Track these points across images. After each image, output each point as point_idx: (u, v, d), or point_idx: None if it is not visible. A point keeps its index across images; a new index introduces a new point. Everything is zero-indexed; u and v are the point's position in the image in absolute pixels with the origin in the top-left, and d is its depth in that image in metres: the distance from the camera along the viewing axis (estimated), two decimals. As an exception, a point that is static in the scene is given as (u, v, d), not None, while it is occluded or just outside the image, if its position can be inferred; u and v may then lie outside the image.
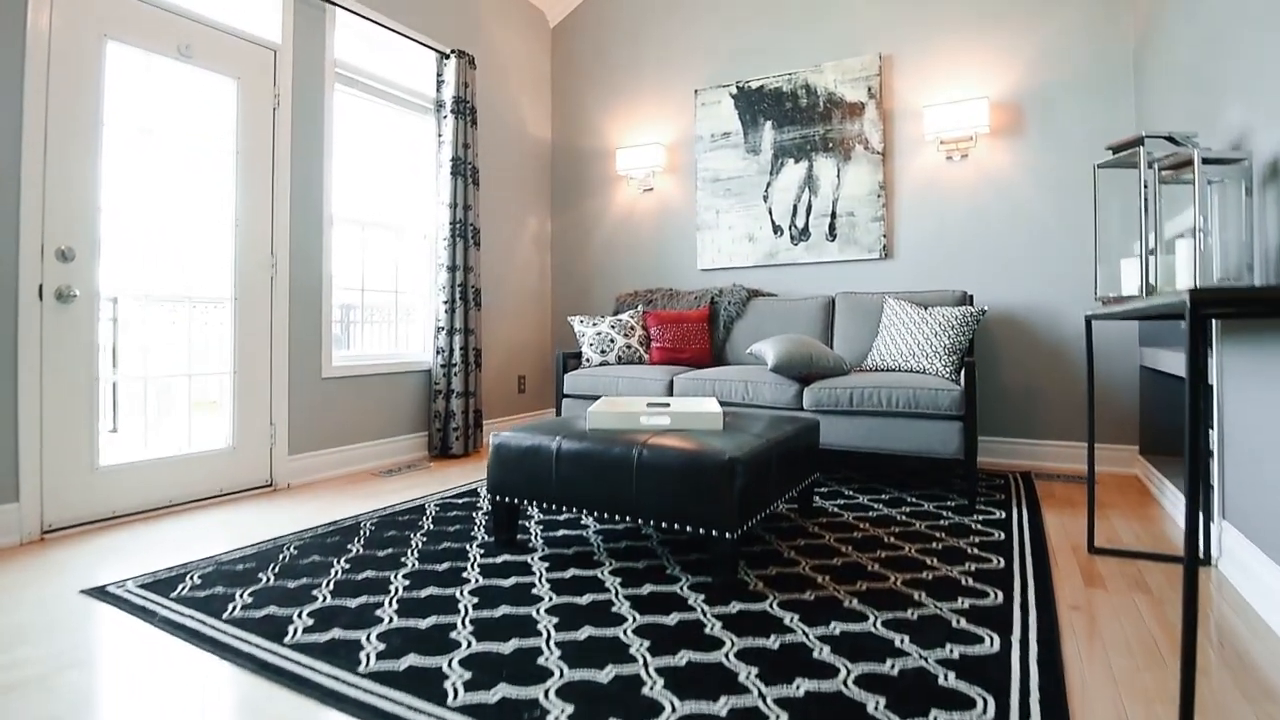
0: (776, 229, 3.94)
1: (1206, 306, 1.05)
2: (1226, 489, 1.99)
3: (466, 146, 3.76)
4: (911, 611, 1.65)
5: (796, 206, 3.88)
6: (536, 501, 2.07)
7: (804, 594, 1.77)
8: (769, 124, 3.96)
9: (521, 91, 4.53)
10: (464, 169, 3.73)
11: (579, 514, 1.97)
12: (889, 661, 1.41)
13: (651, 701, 1.26)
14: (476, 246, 3.82)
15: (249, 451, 2.90)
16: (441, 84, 3.77)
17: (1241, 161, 1.61)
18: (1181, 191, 2.17)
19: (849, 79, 3.75)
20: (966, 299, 3.22)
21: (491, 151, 4.25)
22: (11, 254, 2.21)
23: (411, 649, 1.48)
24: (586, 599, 1.74)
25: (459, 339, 3.65)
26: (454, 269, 3.67)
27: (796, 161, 3.89)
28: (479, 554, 2.10)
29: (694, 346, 3.63)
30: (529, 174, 4.60)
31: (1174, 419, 2.94)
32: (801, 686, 1.31)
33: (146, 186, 2.60)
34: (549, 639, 1.52)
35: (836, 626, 1.57)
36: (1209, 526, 2.08)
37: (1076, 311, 3.29)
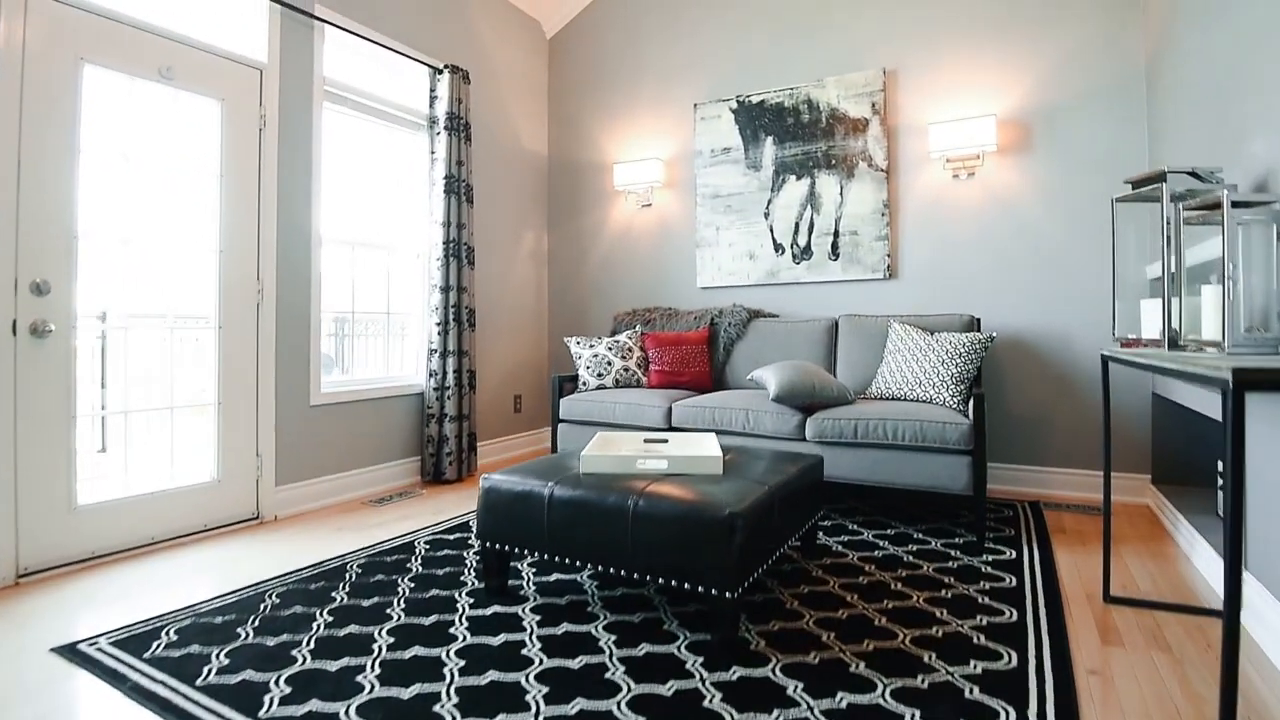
0: (778, 247, 3.85)
1: (1251, 387, 0.96)
2: (1249, 540, 1.90)
3: (460, 163, 3.67)
4: (921, 678, 1.57)
5: (798, 224, 3.79)
6: (528, 550, 1.98)
7: (808, 656, 1.68)
8: (770, 139, 3.87)
9: (518, 104, 4.44)
10: (457, 186, 3.65)
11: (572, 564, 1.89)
12: (899, 746, 1.32)
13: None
14: (470, 266, 3.73)
15: (234, 484, 2.82)
16: (434, 100, 3.68)
17: (1271, 204, 1.52)
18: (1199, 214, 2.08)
19: (852, 94, 3.65)
20: (974, 324, 3.13)
21: (487, 166, 4.16)
22: (-18, 289, 2.12)
23: (391, 728, 1.39)
24: (579, 662, 1.66)
25: (452, 361, 3.57)
26: (447, 289, 3.59)
27: (798, 178, 3.80)
28: (468, 604, 2.02)
29: (693, 369, 3.54)
30: (525, 188, 4.51)
31: (1187, 448, 2.86)
32: (806, 779, 1.23)
33: (126, 214, 2.51)
34: (538, 714, 1.43)
35: (843, 698, 1.49)
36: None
37: (1086, 335, 3.21)
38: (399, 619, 1.91)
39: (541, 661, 1.66)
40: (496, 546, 2.05)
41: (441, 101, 3.63)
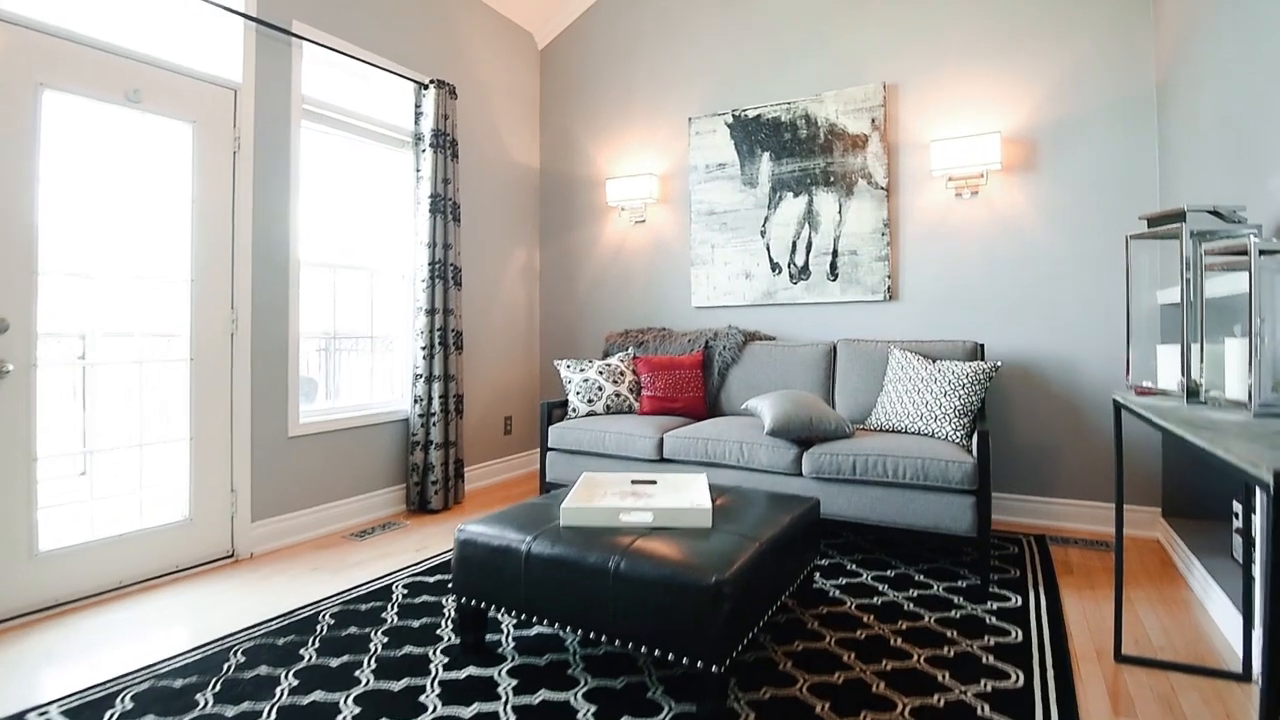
0: (775, 266, 3.73)
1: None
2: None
3: (446, 181, 3.55)
4: (922, 764, 1.46)
5: (796, 243, 3.68)
6: (504, 609, 1.87)
7: (800, 734, 1.57)
8: (766, 155, 3.75)
9: (508, 117, 4.32)
10: (444, 205, 3.53)
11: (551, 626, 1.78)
12: None
13: None
14: (458, 287, 3.62)
15: (208, 522, 2.71)
16: (420, 116, 3.56)
17: (1301, 253, 1.40)
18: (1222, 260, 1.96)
19: (851, 109, 3.53)
20: (978, 351, 3.02)
21: (476, 181, 4.04)
22: (-67, 330, 2.02)
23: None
24: (554, 742, 1.55)
25: (438, 386, 3.46)
26: (433, 312, 3.48)
27: (796, 195, 3.68)
28: (442, 663, 1.91)
29: (687, 395, 3.43)
30: (517, 204, 4.40)
31: (1199, 481, 2.73)
32: None
33: (91, 245, 2.41)
34: (506, 811, 1.32)
35: (836, 791, 1.37)
36: (1249, 636, 1.88)
37: (1095, 362, 3.08)
38: (368, 682, 1.81)
39: (515, 740, 1.55)
40: (473, 603, 1.94)
41: (427, 118, 3.52)
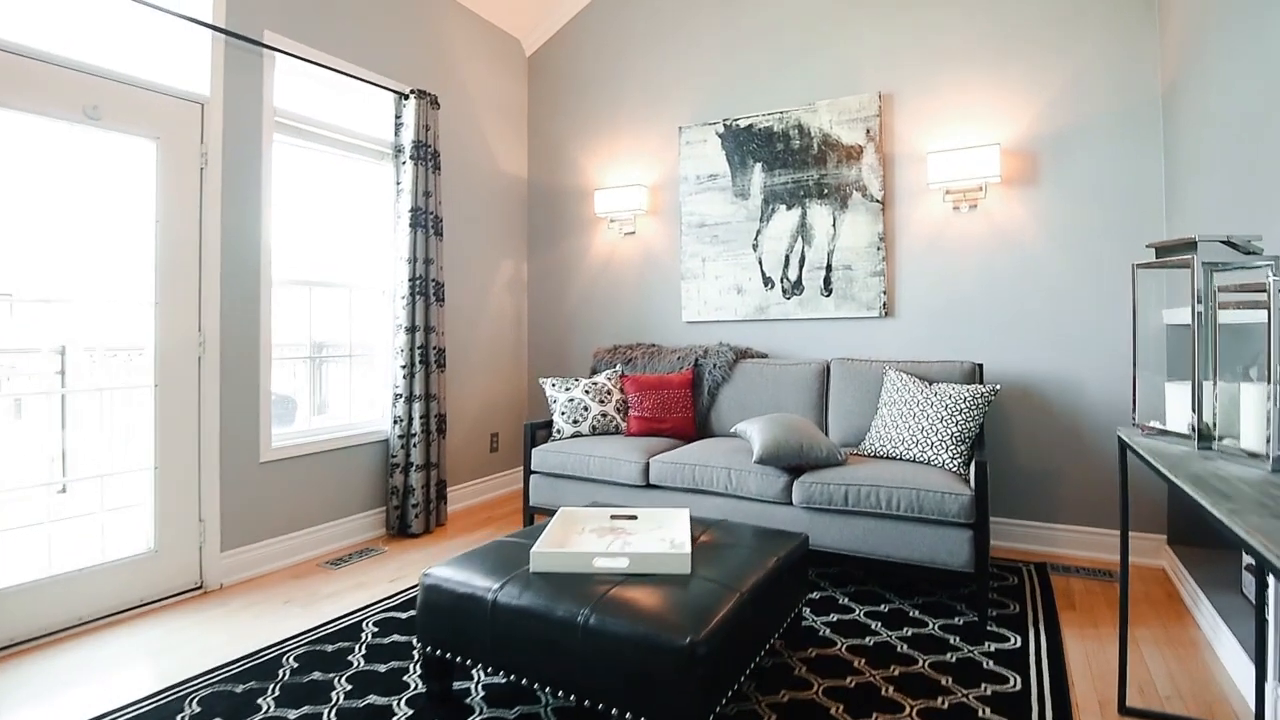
0: (767, 281, 3.62)
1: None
2: (1288, 654, 1.67)
3: (428, 194, 3.45)
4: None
5: (789, 257, 3.56)
6: (470, 660, 1.77)
7: (781, 805, 1.46)
8: (759, 166, 3.64)
9: (495, 126, 4.22)
10: (425, 219, 3.43)
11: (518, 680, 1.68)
12: None
13: None
14: (440, 303, 3.51)
15: (175, 553, 2.61)
16: (400, 127, 3.46)
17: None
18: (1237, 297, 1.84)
19: (845, 119, 3.42)
20: (976, 372, 2.90)
21: (461, 192, 3.94)
22: None
23: None
24: (516, 815, 1.44)
25: (419, 406, 3.35)
26: (413, 330, 3.37)
27: (789, 208, 3.57)
28: (406, 716, 1.80)
29: (675, 416, 3.32)
30: (504, 215, 4.29)
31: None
32: None
33: (47, 270, 2.31)
34: None
35: None
36: (1261, 688, 1.76)
37: (1097, 382, 2.97)
38: (325, 740, 1.70)
39: (474, 812, 1.44)
40: (438, 652, 1.83)
41: (408, 129, 3.41)
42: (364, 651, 2.17)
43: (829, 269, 3.46)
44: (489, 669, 1.73)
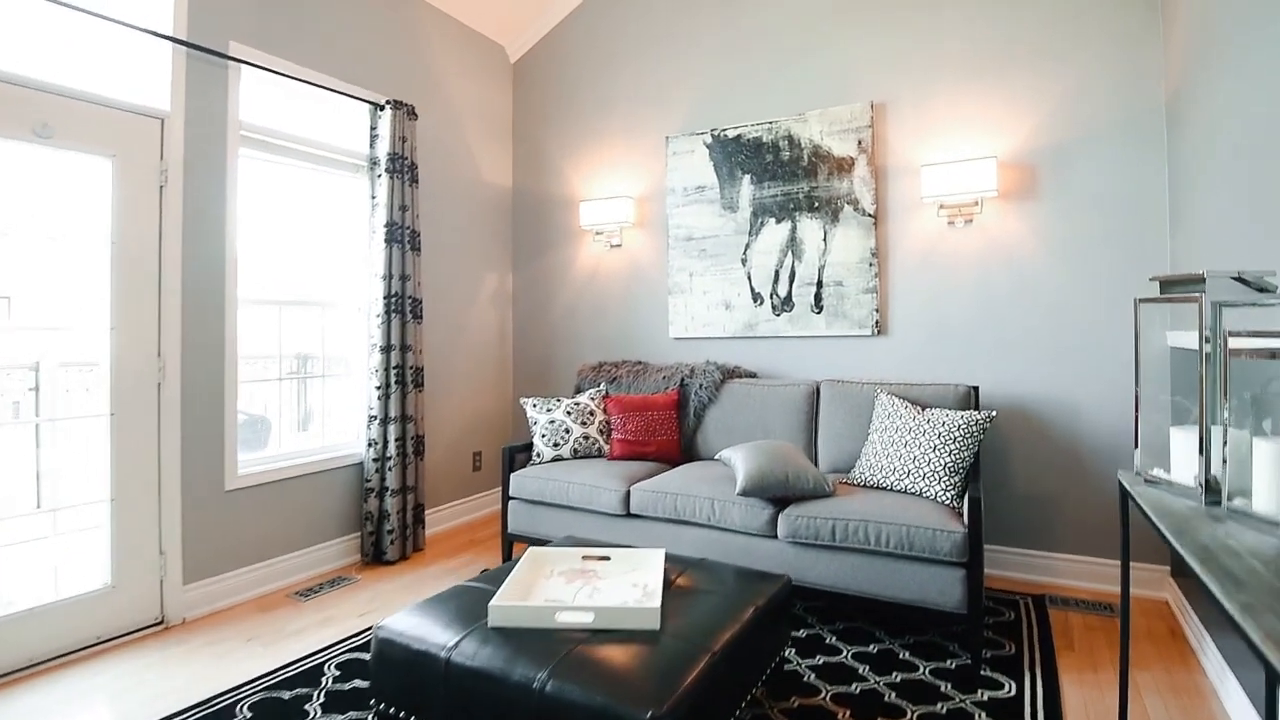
0: (756, 297, 3.50)
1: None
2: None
3: (404, 208, 3.33)
4: None
5: (778, 272, 3.44)
6: (425, 722, 1.65)
7: None
8: (747, 178, 3.52)
9: (479, 134, 4.10)
10: (401, 234, 3.31)
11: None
12: None
13: None
14: (418, 320, 3.40)
15: (133, 588, 2.50)
16: (375, 139, 3.34)
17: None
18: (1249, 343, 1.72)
19: (837, 130, 3.29)
20: (971, 395, 2.78)
21: (443, 203, 3.82)
22: None
23: None
24: None
25: (394, 428, 3.23)
26: (389, 349, 3.26)
27: (778, 221, 3.44)
28: (358, 780, 1.69)
29: (660, 439, 3.20)
30: (489, 225, 4.18)
31: (1215, 544, 2.50)
32: None
33: (-7, 294, 2.20)
34: None
35: None
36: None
37: (1098, 405, 2.84)
38: (269, 808, 1.59)
39: None
40: (391, 710, 1.72)
41: (383, 140, 3.29)
42: (322, 699, 2.06)
43: (820, 285, 3.34)
44: (444, 731, 1.62)
